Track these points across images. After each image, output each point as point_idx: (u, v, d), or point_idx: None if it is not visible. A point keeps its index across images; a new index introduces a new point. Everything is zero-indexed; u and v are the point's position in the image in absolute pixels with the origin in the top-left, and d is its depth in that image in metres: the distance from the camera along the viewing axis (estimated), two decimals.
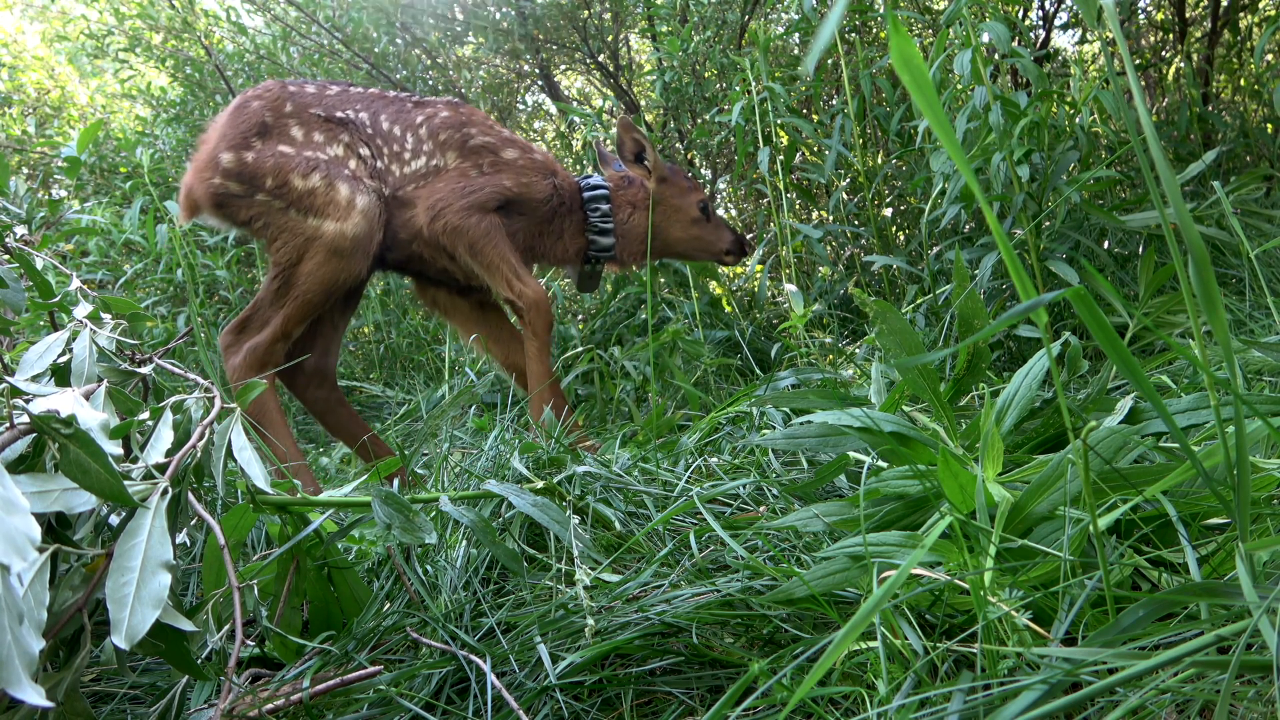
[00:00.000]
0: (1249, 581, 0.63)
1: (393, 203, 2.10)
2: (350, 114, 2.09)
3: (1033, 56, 2.23)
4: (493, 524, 1.15)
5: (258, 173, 1.98)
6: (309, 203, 1.97)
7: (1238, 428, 0.64)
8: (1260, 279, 1.48)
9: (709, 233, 2.42)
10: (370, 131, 2.10)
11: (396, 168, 2.10)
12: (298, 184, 1.97)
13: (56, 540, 0.76)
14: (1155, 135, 0.64)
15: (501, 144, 2.17)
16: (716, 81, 4.06)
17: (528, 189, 2.17)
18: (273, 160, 1.98)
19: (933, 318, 2.36)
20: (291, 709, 0.87)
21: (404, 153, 2.10)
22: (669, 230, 2.37)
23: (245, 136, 2.00)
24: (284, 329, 2.00)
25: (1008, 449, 1.12)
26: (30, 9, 5.85)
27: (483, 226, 2.08)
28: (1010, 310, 0.52)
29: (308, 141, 2.03)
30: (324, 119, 2.06)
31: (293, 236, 1.98)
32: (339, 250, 1.97)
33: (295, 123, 2.04)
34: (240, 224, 2.04)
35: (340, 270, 1.99)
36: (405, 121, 2.13)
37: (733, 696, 0.63)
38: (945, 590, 0.81)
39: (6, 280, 1.19)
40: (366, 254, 2.02)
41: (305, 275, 1.98)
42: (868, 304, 1.27)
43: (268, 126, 2.02)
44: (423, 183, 2.10)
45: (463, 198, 2.07)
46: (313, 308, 2.01)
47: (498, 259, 2.09)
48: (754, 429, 1.65)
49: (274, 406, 1.98)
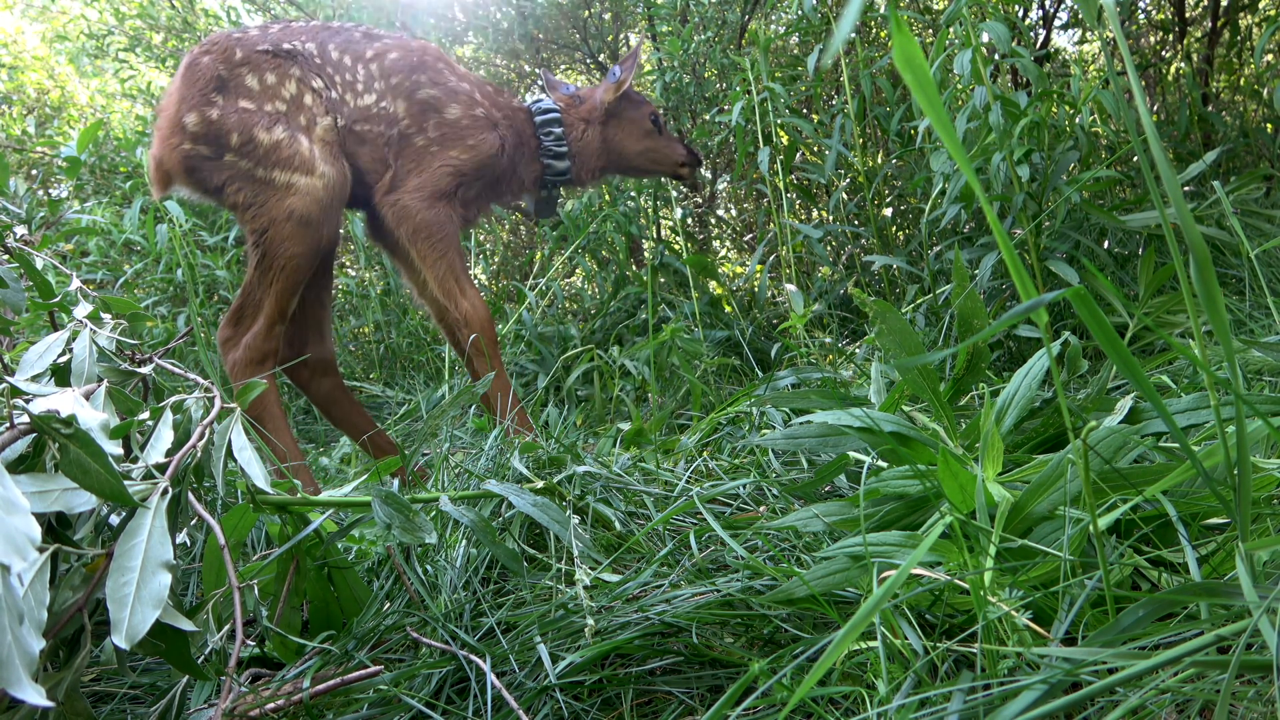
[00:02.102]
0: (1249, 581, 0.63)
1: (348, 135, 2.06)
2: (297, 44, 2.04)
3: (1033, 56, 2.23)
4: (493, 524, 1.15)
5: (223, 129, 1.92)
6: (276, 156, 1.92)
7: (1239, 427, 0.64)
8: (1260, 279, 1.48)
9: (663, 145, 2.44)
10: (319, 61, 2.05)
11: (351, 98, 2.06)
12: (263, 138, 1.92)
13: (57, 540, 0.76)
14: (1156, 135, 0.64)
15: (446, 98, 2.13)
16: (716, 81, 4.06)
17: (476, 153, 2.14)
18: (236, 116, 1.93)
19: (933, 318, 2.36)
20: (291, 709, 0.87)
21: (356, 83, 2.07)
22: (624, 143, 2.38)
23: (204, 94, 1.94)
24: (278, 307, 1.96)
25: (1008, 449, 1.12)
26: (30, 9, 5.85)
27: (441, 228, 2.07)
28: (1010, 310, 0.52)
29: (264, 90, 1.97)
30: (272, 54, 2.00)
31: (266, 196, 1.93)
32: (316, 201, 1.93)
33: (248, 70, 1.98)
34: (212, 191, 1.97)
35: (319, 223, 1.94)
36: (355, 52, 2.09)
37: (733, 696, 0.63)
38: (945, 590, 0.81)
39: (6, 280, 1.19)
40: (341, 201, 1.99)
41: (284, 238, 1.92)
42: (868, 304, 1.27)
43: (224, 80, 1.96)
44: (371, 127, 2.06)
45: (421, 194, 2.06)
46: (300, 273, 1.96)
47: (445, 269, 2.09)
48: (754, 429, 1.65)
49: (275, 404, 1.96)
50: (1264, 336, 1.73)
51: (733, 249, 5.14)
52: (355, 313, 4.22)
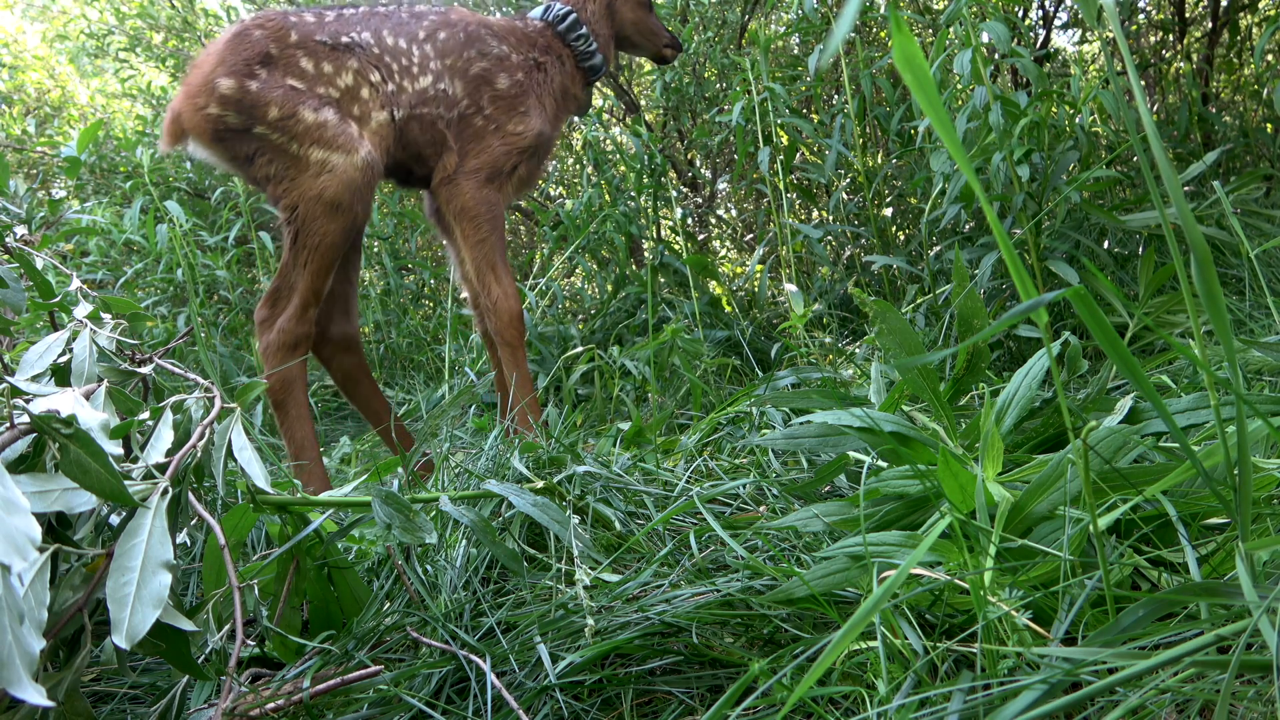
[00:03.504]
0: (1249, 581, 0.63)
1: (409, 123, 2.06)
2: (355, 36, 2.03)
3: (1033, 56, 2.23)
4: (493, 524, 1.15)
5: (259, 102, 1.88)
6: (317, 135, 1.89)
7: (1239, 427, 0.64)
8: (1260, 279, 1.48)
9: (653, 22, 2.49)
10: (377, 51, 2.04)
11: (409, 83, 2.06)
12: (308, 117, 1.90)
13: (57, 540, 0.76)
14: (1156, 135, 0.64)
15: (494, 69, 2.15)
16: (716, 81, 4.06)
17: (527, 123, 2.17)
18: (280, 92, 1.89)
19: (933, 318, 2.36)
20: (292, 709, 0.87)
21: (412, 67, 2.07)
22: (622, 11, 2.42)
23: (249, 64, 1.90)
24: (312, 288, 1.93)
25: (1008, 449, 1.12)
26: (31, 8, 5.86)
27: (488, 210, 2.10)
28: (1010, 310, 0.52)
29: (318, 75, 1.95)
30: (330, 46, 1.99)
31: (297, 172, 1.90)
32: (349, 182, 1.90)
33: (303, 54, 1.95)
34: (238, 160, 1.94)
35: (350, 204, 1.92)
36: (407, 33, 2.09)
37: (733, 696, 0.63)
38: (945, 590, 0.81)
39: (6, 280, 1.19)
40: (375, 183, 1.97)
41: (317, 216, 1.89)
42: (868, 304, 1.27)
43: (272, 57, 1.93)
44: (430, 110, 2.07)
45: (479, 176, 2.10)
46: (334, 252, 1.93)
47: (484, 254, 2.11)
48: (754, 429, 1.65)
49: (301, 392, 1.92)
50: (1264, 336, 1.73)
51: (733, 249, 5.14)
52: None
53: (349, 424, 3.29)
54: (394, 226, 4.04)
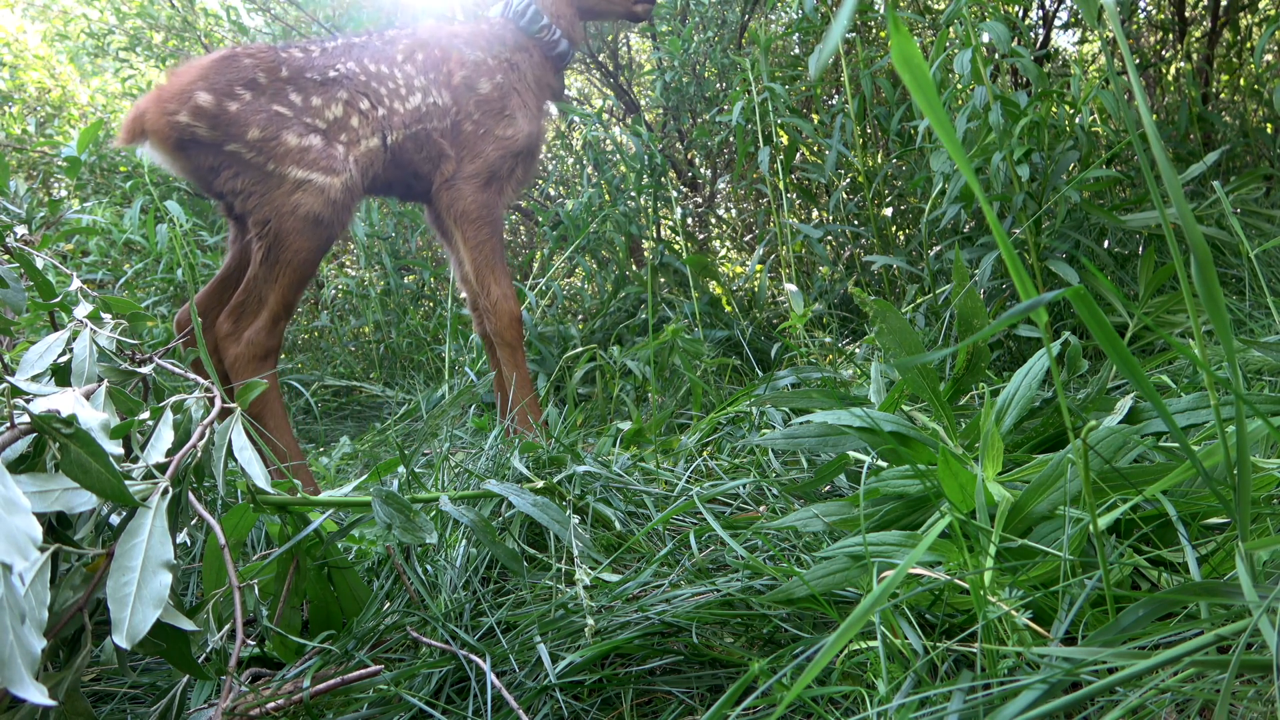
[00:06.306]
0: (1249, 581, 0.63)
1: (404, 144, 2.10)
2: (341, 68, 2.05)
3: (1033, 56, 2.23)
4: (493, 524, 1.15)
5: (238, 122, 1.89)
6: (299, 158, 1.90)
7: (1239, 427, 0.64)
8: (1260, 279, 1.48)
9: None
10: (364, 79, 2.06)
11: (399, 105, 2.09)
12: (291, 141, 1.91)
13: (57, 540, 0.76)
14: (1157, 134, 0.64)
15: (475, 74, 2.19)
16: (716, 81, 4.06)
17: (515, 125, 2.20)
18: (264, 116, 1.91)
19: (933, 317, 2.36)
20: (292, 708, 0.87)
21: (399, 89, 2.10)
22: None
23: (232, 85, 1.91)
24: (283, 302, 1.93)
25: (1008, 448, 1.12)
26: (31, 8, 5.85)
27: (488, 212, 2.14)
28: (1010, 310, 0.52)
29: (306, 107, 1.97)
30: (320, 82, 2.01)
31: (269, 188, 1.90)
32: (331, 200, 1.92)
33: (292, 88, 1.98)
34: (198, 171, 1.93)
35: (330, 222, 1.93)
36: (386, 58, 2.12)
37: (733, 696, 0.63)
38: (945, 590, 0.81)
39: (7, 280, 1.19)
40: (355, 203, 1.99)
41: (293, 232, 1.90)
42: (868, 304, 1.27)
43: (259, 85, 1.94)
44: (425, 125, 2.11)
45: (477, 180, 2.13)
46: (308, 268, 1.94)
47: (483, 256, 2.14)
48: (754, 429, 1.65)
49: (276, 402, 1.95)
50: (1264, 336, 1.73)
51: (733, 249, 5.14)
52: (355, 313, 4.22)
53: (349, 424, 3.29)
54: (394, 226, 4.04)
